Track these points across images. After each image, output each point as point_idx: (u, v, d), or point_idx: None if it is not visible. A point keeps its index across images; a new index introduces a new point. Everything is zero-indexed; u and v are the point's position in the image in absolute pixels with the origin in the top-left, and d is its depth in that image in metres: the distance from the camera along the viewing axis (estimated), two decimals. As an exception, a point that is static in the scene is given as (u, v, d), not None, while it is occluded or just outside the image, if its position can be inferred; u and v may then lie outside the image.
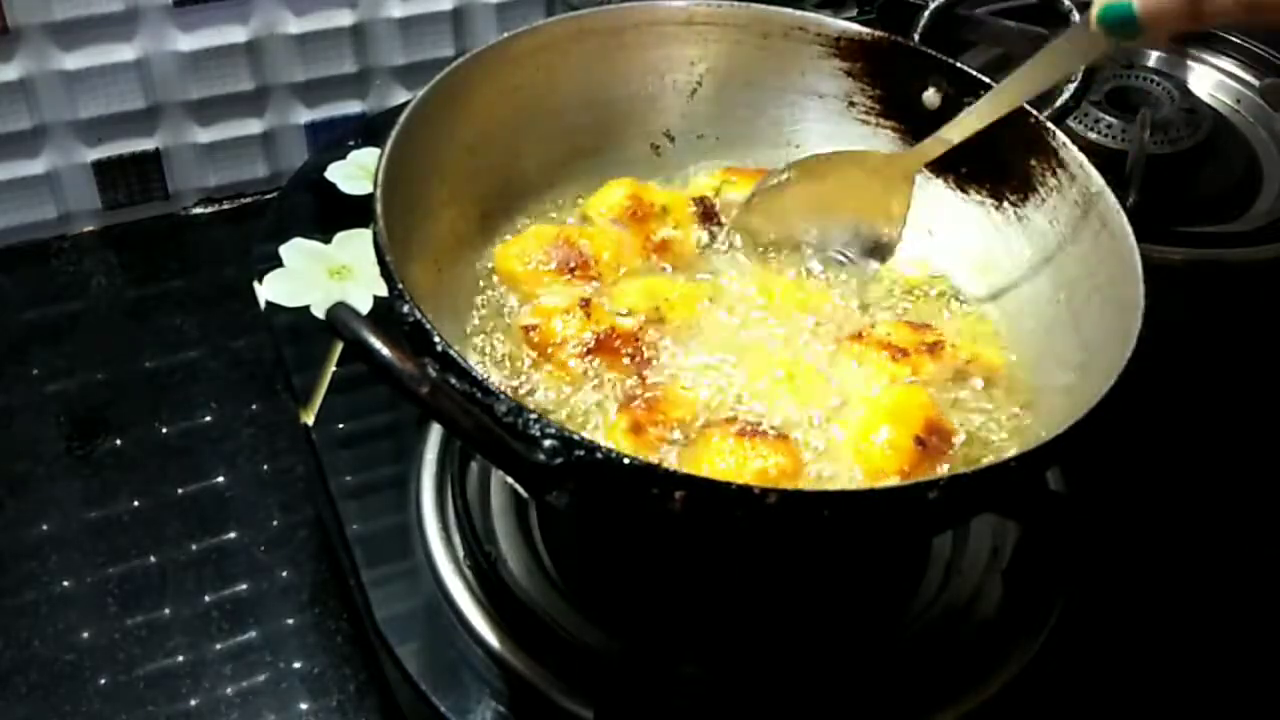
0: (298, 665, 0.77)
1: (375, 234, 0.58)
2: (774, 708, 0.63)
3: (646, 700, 0.63)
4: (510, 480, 0.52)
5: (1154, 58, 1.14)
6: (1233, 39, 1.13)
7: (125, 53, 0.99)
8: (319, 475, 0.74)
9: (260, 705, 0.74)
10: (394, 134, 0.63)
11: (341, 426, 0.76)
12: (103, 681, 0.75)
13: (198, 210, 1.08)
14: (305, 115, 1.08)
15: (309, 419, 0.76)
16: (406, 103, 0.65)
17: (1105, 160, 0.70)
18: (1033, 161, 0.71)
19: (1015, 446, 0.64)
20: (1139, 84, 1.07)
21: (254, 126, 1.06)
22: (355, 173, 0.93)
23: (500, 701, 0.63)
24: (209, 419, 0.91)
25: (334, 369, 0.78)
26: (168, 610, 0.79)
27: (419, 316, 0.54)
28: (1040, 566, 0.70)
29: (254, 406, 0.92)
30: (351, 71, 1.07)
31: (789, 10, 0.77)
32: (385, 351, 0.48)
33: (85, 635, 0.77)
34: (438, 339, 0.53)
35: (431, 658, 0.65)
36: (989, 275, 0.73)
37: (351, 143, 0.95)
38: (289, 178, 0.97)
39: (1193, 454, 0.82)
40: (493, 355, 0.66)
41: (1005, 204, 0.73)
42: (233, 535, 0.83)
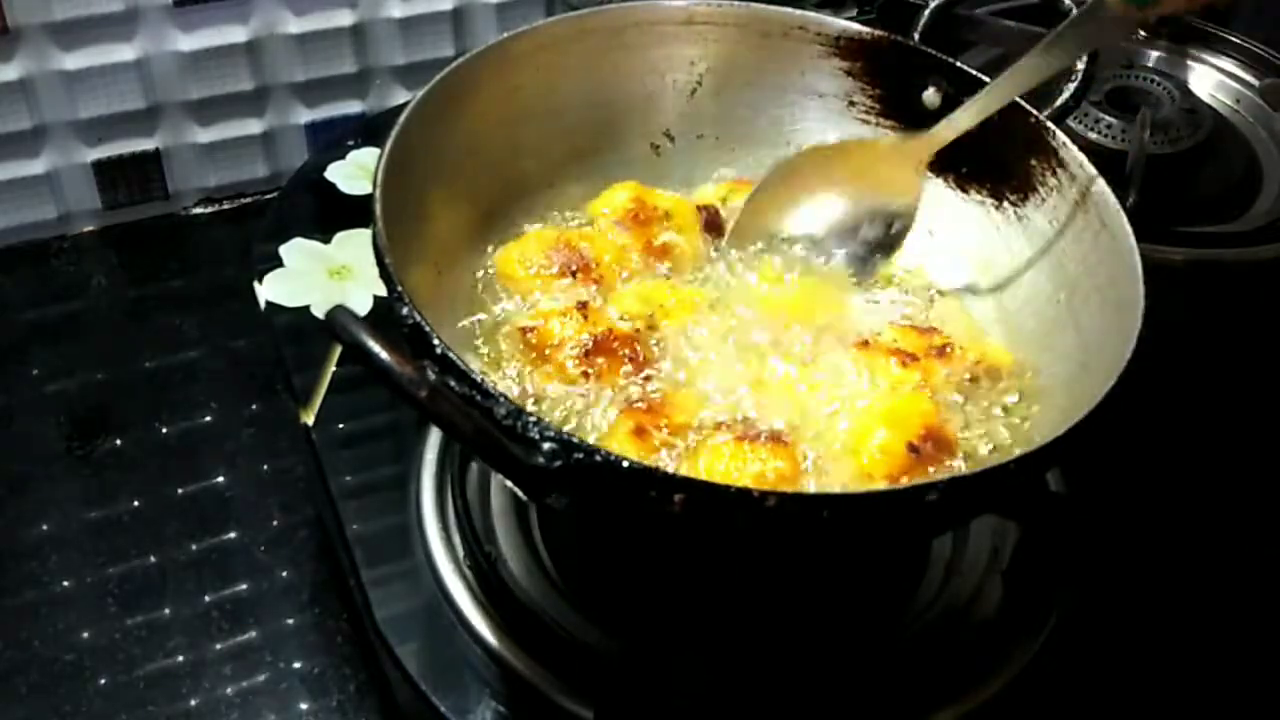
0: (298, 665, 0.77)
1: (374, 235, 0.58)
2: (774, 708, 0.63)
3: (646, 700, 0.63)
4: (509, 484, 0.52)
5: (1154, 58, 1.13)
6: (1233, 39, 1.12)
7: (125, 53, 0.99)
8: (319, 475, 0.74)
9: (260, 705, 0.74)
10: (394, 134, 0.63)
11: (341, 426, 0.76)
12: (103, 681, 0.75)
13: (198, 210, 1.08)
14: (305, 115, 1.08)
15: (309, 419, 0.76)
16: (406, 103, 0.65)
17: (1105, 160, 0.70)
18: (1033, 161, 0.70)
19: (1015, 447, 0.64)
20: (1139, 84, 1.06)
21: (254, 126, 1.06)
22: (355, 173, 0.93)
23: (500, 701, 0.63)
24: (209, 419, 0.91)
25: (334, 369, 0.78)
26: (168, 610, 0.79)
27: (418, 319, 0.54)
28: (1040, 566, 0.70)
29: (254, 406, 0.92)
30: (351, 71, 1.07)
31: (789, 10, 0.77)
32: (384, 355, 0.48)
33: (85, 635, 0.77)
34: (437, 341, 0.53)
35: (431, 658, 0.65)
36: (989, 275, 0.73)
37: (351, 143, 0.95)
38: (289, 178, 0.97)
39: (1193, 454, 0.82)
40: (492, 358, 0.66)
41: (1005, 204, 0.73)
42: (233, 535, 0.84)
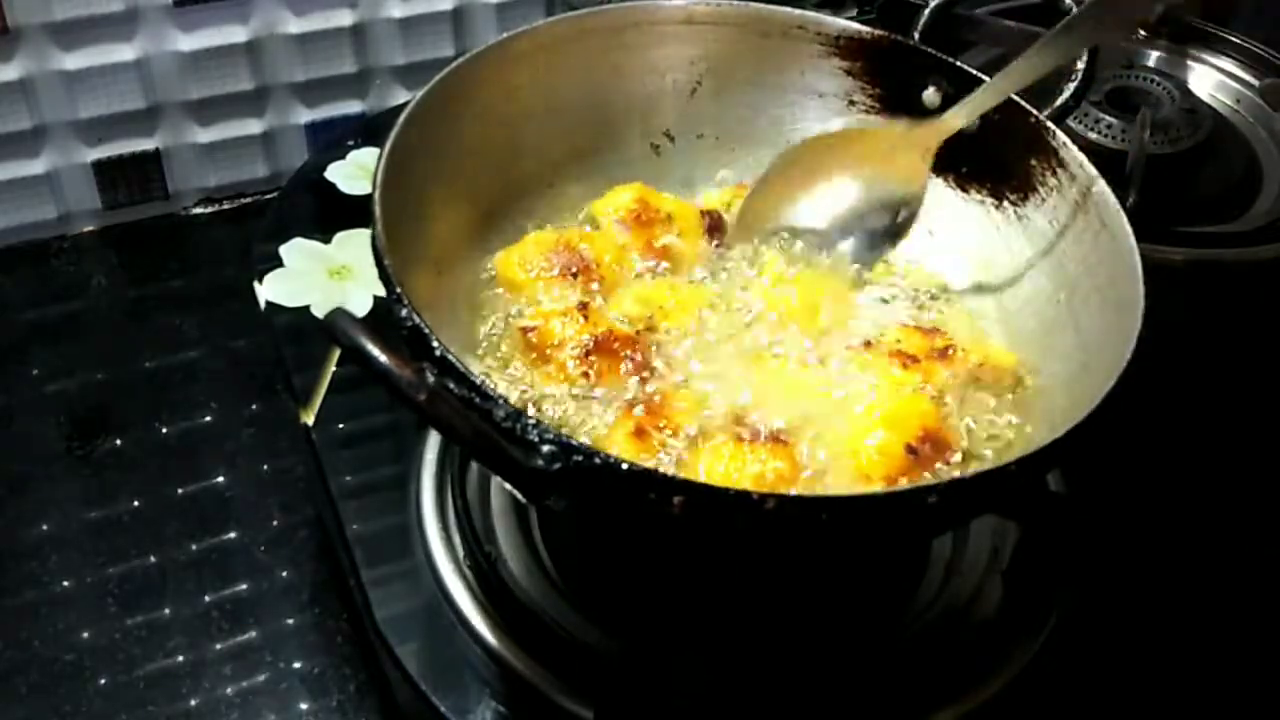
0: (298, 665, 0.77)
1: (374, 236, 0.58)
2: (774, 708, 0.63)
3: (646, 700, 0.63)
4: (508, 486, 0.52)
5: (1154, 58, 1.13)
6: (1233, 39, 1.12)
7: (125, 53, 0.99)
8: (319, 475, 0.74)
9: (260, 705, 0.74)
10: (393, 134, 0.63)
11: (341, 426, 0.76)
12: (103, 681, 0.75)
13: (198, 210, 1.08)
14: (305, 115, 1.08)
15: (309, 419, 0.76)
16: (406, 103, 0.65)
17: (1105, 160, 0.70)
18: (1033, 161, 0.70)
19: (1015, 447, 0.64)
20: (1139, 84, 1.06)
21: (254, 126, 1.06)
22: (355, 173, 0.93)
23: (500, 701, 0.63)
24: (209, 419, 0.91)
25: (334, 369, 0.79)
26: (168, 610, 0.79)
27: (417, 320, 0.54)
28: (1040, 566, 0.70)
29: (254, 406, 0.92)
30: (351, 71, 1.07)
31: (789, 9, 0.77)
32: (382, 358, 0.48)
33: (85, 635, 0.77)
34: (436, 344, 0.53)
35: (431, 658, 0.65)
36: (989, 275, 0.73)
37: (351, 143, 0.95)
38: (289, 178, 0.97)
39: (1193, 454, 0.82)
40: (492, 359, 0.66)
41: (1005, 204, 0.73)
42: (233, 535, 0.84)
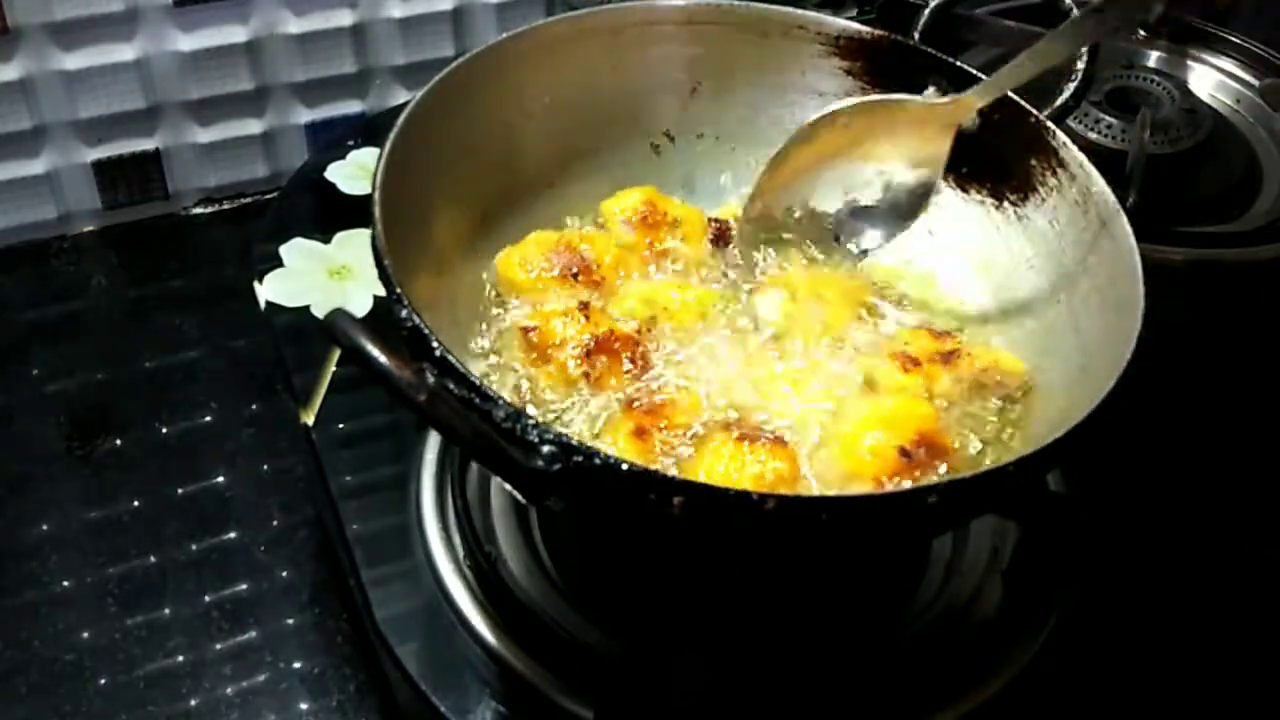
0: (298, 665, 0.77)
1: (373, 237, 0.58)
2: (774, 708, 0.63)
3: (646, 700, 0.63)
4: (508, 486, 0.52)
5: (1154, 58, 1.13)
6: (1233, 39, 1.12)
7: (125, 53, 0.99)
8: (319, 475, 0.74)
9: (260, 705, 0.74)
10: (393, 134, 0.63)
11: (341, 426, 0.76)
12: (103, 681, 0.75)
13: (198, 210, 1.08)
14: (305, 115, 1.08)
15: (309, 419, 0.76)
16: (406, 103, 0.65)
17: (1105, 160, 0.70)
18: (1033, 161, 0.70)
19: (1015, 448, 0.64)
20: (1139, 84, 1.06)
21: (254, 126, 1.06)
22: (355, 173, 0.93)
23: (500, 701, 0.63)
24: (209, 419, 0.91)
25: (334, 369, 0.79)
26: (168, 610, 0.79)
27: (417, 321, 0.54)
28: (1040, 566, 0.70)
29: (254, 406, 0.92)
30: (351, 71, 1.07)
31: (789, 9, 0.77)
32: (382, 358, 0.48)
33: (85, 635, 0.77)
34: (436, 344, 0.53)
35: (431, 658, 0.65)
36: (989, 275, 0.73)
37: (351, 143, 0.95)
38: (289, 178, 0.97)
39: (1193, 454, 0.82)
40: (492, 359, 0.66)
41: (1005, 204, 0.73)
42: (233, 535, 0.84)
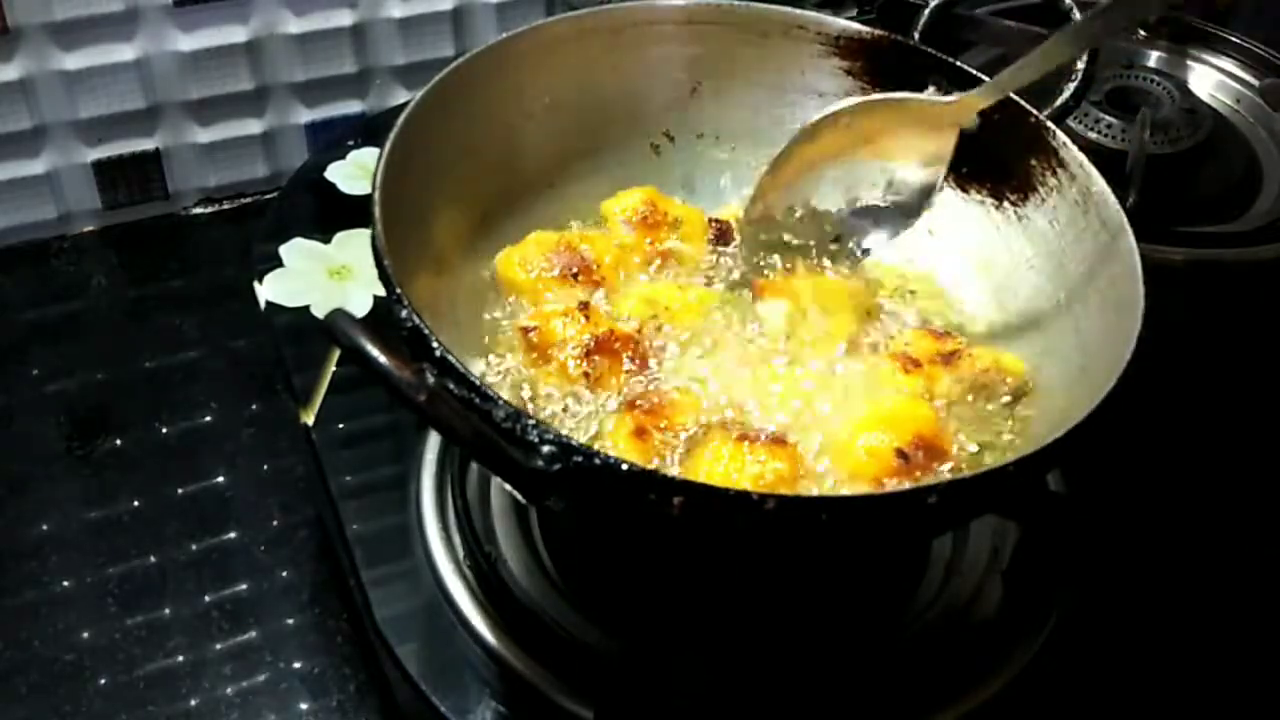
0: (298, 665, 0.77)
1: (373, 237, 0.58)
2: (774, 708, 0.63)
3: (646, 700, 0.63)
4: (508, 486, 0.52)
5: (1154, 58, 1.13)
6: (1233, 39, 1.12)
7: (125, 53, 0.99)
8: (319, 475, 0.74)
9: (260, 705, 0.74)
10: (393, 134, 0.63)
11: (341, 426, 0.76)
12: (103, 681, 0.75)
13: (198, 210, 1.08)
14: (305, 115, 1.08)
15: (309, 419, 0.76)
16: (406, 103, 0.65)
17: (1105, 160, 0.70)
18: (1033, 161, 0.70)
19: (1015, 448, 0.64)
20: (1139, 84, 1.06)
21: (254, 126, 1.06)
22: (355, 173, 0.93)
23: (500, 701, 0.63)
24: (209, 419, 0.91)
25: (334, 369, 0.79)
26: (168, 610, 0.79)
27: (417, 321, 0.54)
28: (1040, 566, 0.70)
29: (254, 406, 0.92)
30: (351, 71, 1.07)
31: (789, 9, 0.77)
32: (382, 359, 0.48)
33: (85, 635, 0.77)
34: (436, 344, 0.53)
35: (431, 658, 0.65)
36: (989, 275, 0.73)
37: (351, 143, 0.95)
38: (289, 178, 0.97)
39: (1193, 454, 0.82)
40: (492, 360, 0.66)
41: (1005, 204, 0.73)
42: (233, 535, 0.84)
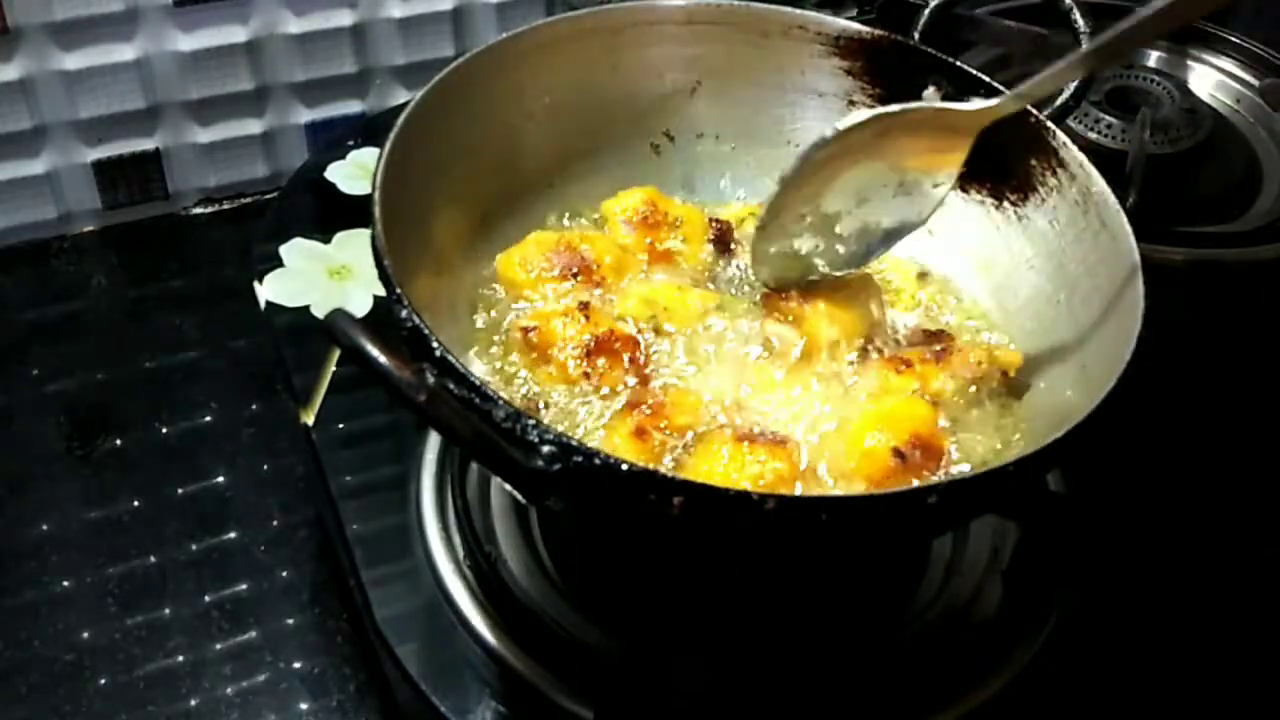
0: (298, 665, 0.77)
1: (373, 237, 0.58)
2: (774, 708, 0.63)
3: (646, 700, 0.63)
4: (508, 486, 0.52)
5: (1154, 58, 1.13)
6: (1233, 39, 1.12)
7: (125, 53, 0.99)
8: (319, 475, 0.74)
9: (260, 705, 0.74)
10: (393, 134, 0.63)
11: (341, 426, 0.76)
12: (103, 681, 0.75)
13: (198, 210, 1.08)
14: (305, 115, 1.08)
15: (309, 419, 0.76)
16: (406, 103, 0.65)
17: (1105, 160, 0.70)
18: (1033, 161, 0.70)
19: (1014, 448, 0.64)
20: (1139, 84, 1.06)
21: (254, 126, 1.06)
22: (355, 173, 0.93)
23: (500, 701, 0.63)
24: (209, 419, 0.91)
25: (334, 369, 0.79)
26: (168, 610, 0.79)
27: (417, 321, 0.54)
28: (1040, 566, 0.70)
29: (254, 406, 0.92)
30: (351, 71, 1.07)
31: (789, 9, 0.77)
32: (382, 359, 0.48)
33: (85, 635, 0.77)
34: (436, 344, 0.53)
35: (431, 658, 0.65)
36: (989, 275, 0.73)
37: (351, 143, 0.95)
38: (289, 178, 0.97)
39: (1193, 454, 0.82)
40: (493, 360, 0.66)
41: (1005, 204, 0.73)
42: (233, 535, 0.84)
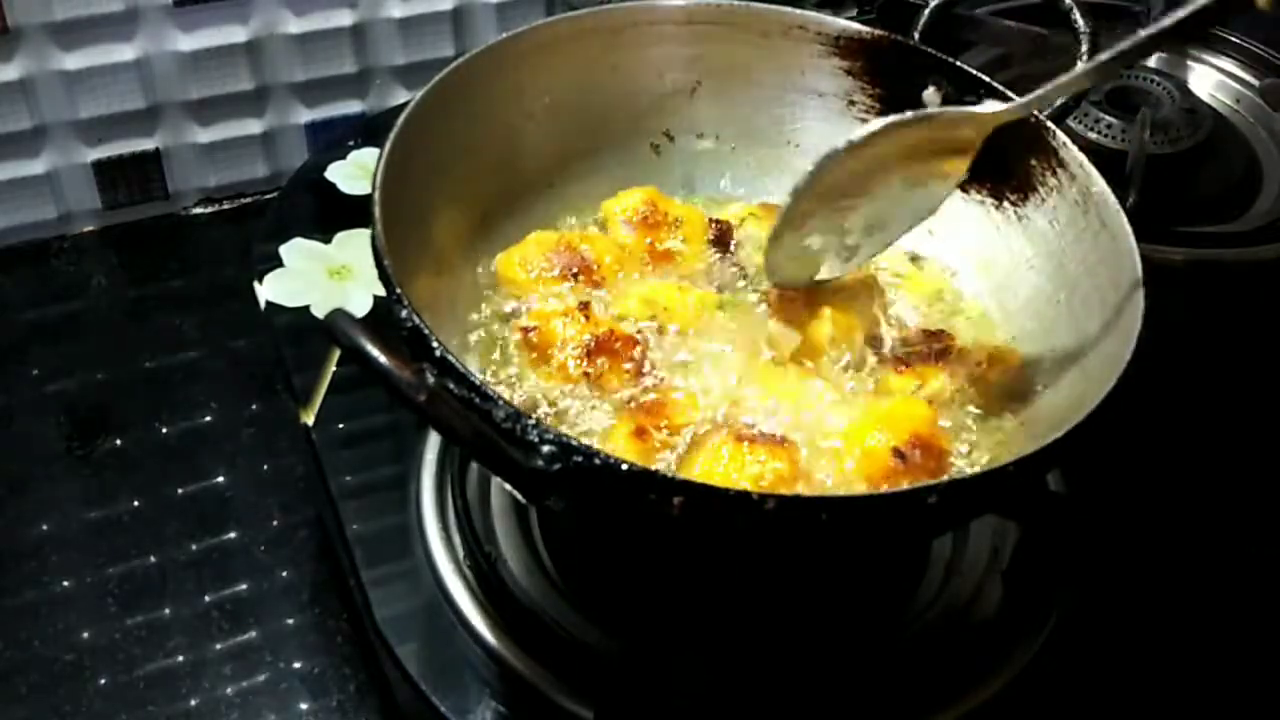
0: (298, 665, 0.77)
1: (373, 237, 0.58)
2: (774, 708, 0.63)
3: (646, 700, 0.63)
4: (508, 486, 0.52)
5: (1154, 58, 1.13)
6: (1233, 39, 1.12)
7: (125, 53, 0.99)
8: (319, 475, 0.74)
9: (260, 705, 0.74)
10: (393, 134, 0.63)
11: (341, 426, 0.76)
12: (103, 681, 0.75)
13: (198, 210, 1.08)
14: (305, 115, 1.08)
15: (309, 419, 0.76)
16: (406, 103, 0.65)
17: (1105, 160, 0.70)
18: (1033, 161, 0.70)
19: (1014, 448, 0.64)
20: (1139, 84, 1.06)
21: (254, 126, 1.06)
22: (355, 173, 0.93)
23: (500, 701, 0.63)
24: (209, 419, 0.91)
25: (334, 369, 0.79)
26: (168, 610, 0.79)
27: (417, 321, 0.54)
28: (1040, 566, 0.70)
29: (254, 406, 0.92)
30: (351, 71, 1.07)
31: (789, 10, 0.77)
32: (382, 359, 0.48)
33: (85, 635, 0.77)
34: (436, 344, 0.53)
35: (431, 658, 0.65)
36: (989, 275, 0.73)
37: (351, 143, 0.95)
38: (289, 178, 0.97)
39: (1193, 454, 0.82)
40: (493, 360, 0.66)
41: (1005, 204, 0.73)
42: (233, 535, 0.84)
